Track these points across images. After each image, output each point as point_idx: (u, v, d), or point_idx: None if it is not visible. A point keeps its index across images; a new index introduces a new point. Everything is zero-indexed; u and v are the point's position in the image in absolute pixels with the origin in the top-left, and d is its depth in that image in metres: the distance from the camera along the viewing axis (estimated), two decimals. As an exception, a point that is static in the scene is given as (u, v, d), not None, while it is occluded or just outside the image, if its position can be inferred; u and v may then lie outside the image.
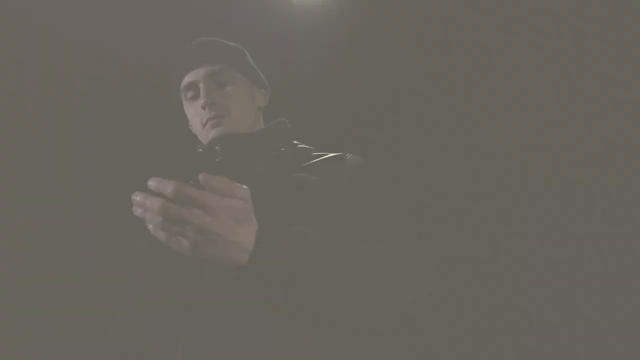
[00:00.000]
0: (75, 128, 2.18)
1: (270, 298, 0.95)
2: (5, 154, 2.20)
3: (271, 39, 2.56)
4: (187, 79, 1.40)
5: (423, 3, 2.73)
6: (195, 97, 1.40)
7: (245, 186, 0.93)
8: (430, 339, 1.10)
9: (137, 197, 0.85)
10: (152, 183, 0.84)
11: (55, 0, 2.18)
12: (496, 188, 2.68)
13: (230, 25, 2.41)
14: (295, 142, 1.45)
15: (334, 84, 2.82)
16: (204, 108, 1.36)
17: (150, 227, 0.85)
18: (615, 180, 2.56)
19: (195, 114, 1.40)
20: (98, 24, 2.24)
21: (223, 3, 2.48)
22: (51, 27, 2.21)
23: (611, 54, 2.59)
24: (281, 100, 2.37)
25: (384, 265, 1.06)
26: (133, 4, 2.25)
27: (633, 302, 2.38)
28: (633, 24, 2.55)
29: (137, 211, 0.86)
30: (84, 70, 2.26)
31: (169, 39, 2.07)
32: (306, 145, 1.44)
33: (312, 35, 2.71)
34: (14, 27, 2.18)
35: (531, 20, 2.65)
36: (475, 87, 2.77)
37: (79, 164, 2.14)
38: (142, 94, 2.28)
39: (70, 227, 2.15)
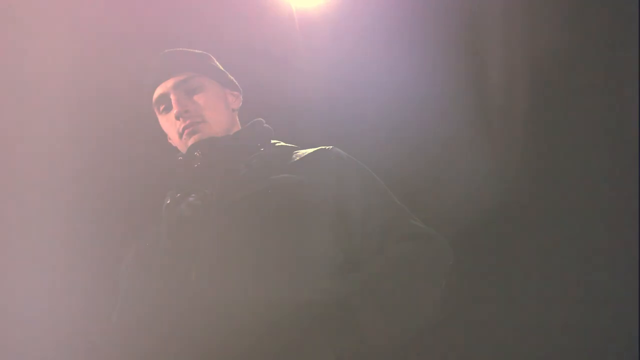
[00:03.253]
0: (58, 132, 2.19)
1: None
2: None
3: (269, 42, 2.57)
4: (157, 92, 1.42)
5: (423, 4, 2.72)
6: (168, 108, 1.42)
7: None
8: None
9: None
10: None
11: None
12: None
13: (228, 30, 2.43)
14: (274, 141, 1.46)
15: (333, 86, 2.82)
16: (177, 118, 1.38)
17: None
18: None
19: (170, 125, 1.43)
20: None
21: (221, 6, 2.50)
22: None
23: None
24: (279, 99, 2.38)
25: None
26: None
27: None
28: None
29: None
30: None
31: (164, 43, 2.09)
32: (284, 143, 1.46)
33: (311, 38, 2.72)
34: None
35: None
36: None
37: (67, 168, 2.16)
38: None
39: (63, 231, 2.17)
